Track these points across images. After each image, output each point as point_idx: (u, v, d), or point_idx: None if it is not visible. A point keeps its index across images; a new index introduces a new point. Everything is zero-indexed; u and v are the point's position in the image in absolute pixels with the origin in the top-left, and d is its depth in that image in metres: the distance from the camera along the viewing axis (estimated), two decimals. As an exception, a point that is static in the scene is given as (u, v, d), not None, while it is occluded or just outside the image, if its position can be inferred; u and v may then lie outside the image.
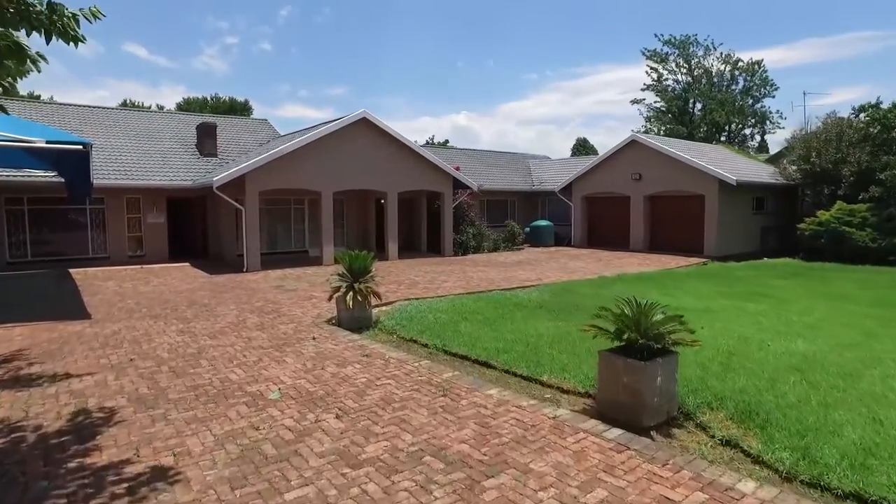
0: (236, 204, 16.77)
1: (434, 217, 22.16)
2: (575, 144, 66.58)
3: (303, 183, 17.52)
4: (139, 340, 7.90)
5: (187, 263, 18.26)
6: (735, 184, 19.76)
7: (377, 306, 9.76)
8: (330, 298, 8.99)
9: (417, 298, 11.58)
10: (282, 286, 13.54)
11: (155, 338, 8.07)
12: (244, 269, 16.47)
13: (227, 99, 54.08)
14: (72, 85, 74.88)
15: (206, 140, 21.06)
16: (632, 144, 23.29)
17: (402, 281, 14.25)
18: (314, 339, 8.02)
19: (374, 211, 21.69)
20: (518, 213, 28.29)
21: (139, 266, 17.43)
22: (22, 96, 20.75)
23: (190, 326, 8.84)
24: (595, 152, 53.74)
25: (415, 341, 8.07)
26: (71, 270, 16.35)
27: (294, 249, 20.17)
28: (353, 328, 8.77)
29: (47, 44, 4.03)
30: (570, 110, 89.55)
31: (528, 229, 26.08)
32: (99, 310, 10.32)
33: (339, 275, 9.09)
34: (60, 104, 21.61)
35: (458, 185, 21.39)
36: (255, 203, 16.61)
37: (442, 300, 11.26)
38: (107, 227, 18.04)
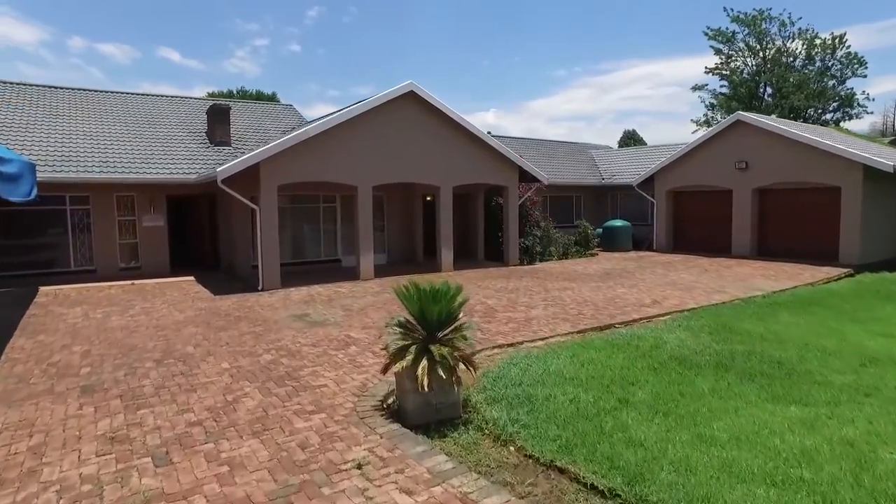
0: (249, 203, 12.96)
1: (493, 217, 18.08)
2: (622, 137, 61.93)
3: (334, 175, 13.61)
4: (9, 470, 3.99)
5: (192, 277, 14.56)
6: (893, 170, 15.14)
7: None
8: (385, 371, 4.98)
9: (512, 345, 7.51)
10: (306, 316, 9.64)
11: (48, 461, 4.13)
12: (259, 287, 12.66)
13: (254, 92, 50.99)
14: (109, 89, 73.58)
15: (217, 126, 17.36)
16: (736, 126, 18.77)
17: (472, 307, 10.19)
18: (360, 467, 4.00)
19: (421, 210, 17.69)
20: (584, 212, 24.00)
21: (130, 282, 13.77)
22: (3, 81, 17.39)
23: (135, 420, 4.92)
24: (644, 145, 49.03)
25: (564, 472, 3.99)
26: (44, 288, 12.79)
27: (323, 258, 16.31)
28: (428, 422, 4.76)
29: None
30: (599, 106, 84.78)
31: (599, 231, 21.77)
32: (14, 370, 6.51)
33: (399, 326, 5.08)
34: (49, 87, 18.22)
35: (522, 177, 17.26)
36: (272, 201, 12.77)
37: (552, 349, 7.16)
38: (93, 232, 14.45)
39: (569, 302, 10.96)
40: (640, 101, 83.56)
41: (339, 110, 14.64)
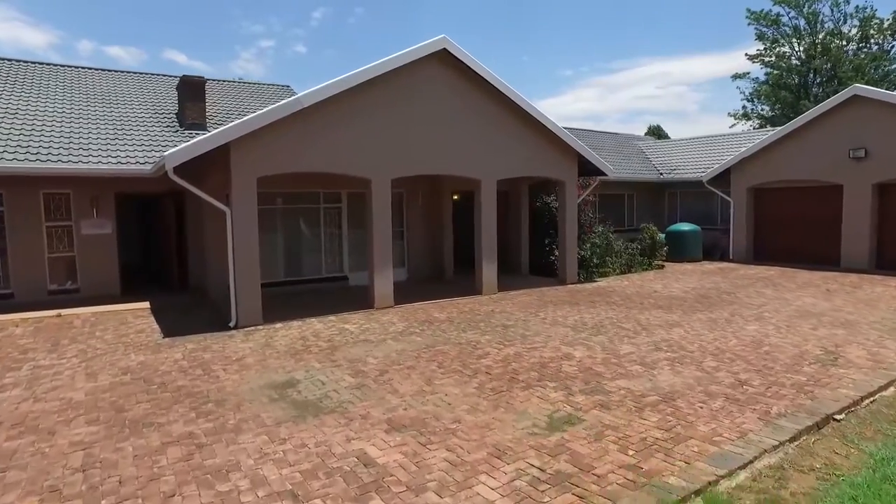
0: (219, 204, 9.07)
1: (539, 220, 14.21)
2: (647, 133, 58.05)
3: (338, 163, 9.72)
4: None
5: (146, 304, 10.73)
6: None
7: None
8: None
9: (698, 493, 3.58)
10: (292, 387, 5.76)
11: None
12: (231, 323, 8.81)
13: (254, 85, 47.37)
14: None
15: (189, 104, 13.53)
16: (850, 104, 14.74)
17: (557, 367, 6.28)
18: None
19: (450, 211, 13.77)
20: (638, 213, 20.05)
21: (57, 312, 9.95)
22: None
23: None
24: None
25: None
26: (-71, 324, 9.00)
27: (324, 276, 12.44)
28: None
29: None
30: (607, 106, 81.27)
31: (662, 236, 17.79)
32: None
33: None
34: (-17, 57, 14.46)
35: (580, 170, 13.34)
36: (249, 199, 8.89)
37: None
38: (8, 242, 10.64)
39: (696, 352, 7.07)
40: (649, 101, 79.90)
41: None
